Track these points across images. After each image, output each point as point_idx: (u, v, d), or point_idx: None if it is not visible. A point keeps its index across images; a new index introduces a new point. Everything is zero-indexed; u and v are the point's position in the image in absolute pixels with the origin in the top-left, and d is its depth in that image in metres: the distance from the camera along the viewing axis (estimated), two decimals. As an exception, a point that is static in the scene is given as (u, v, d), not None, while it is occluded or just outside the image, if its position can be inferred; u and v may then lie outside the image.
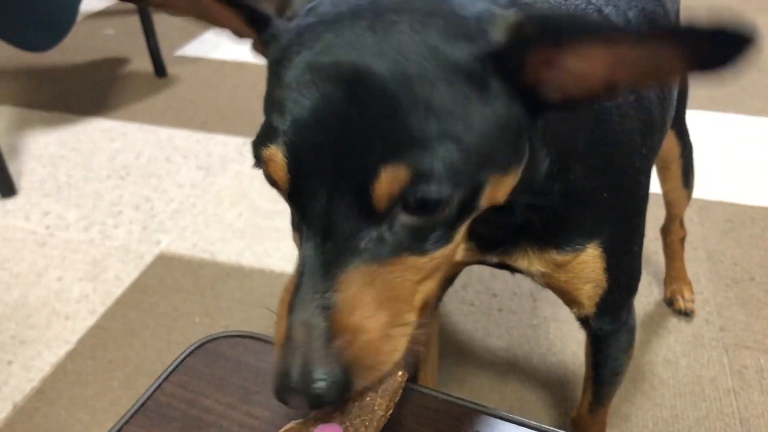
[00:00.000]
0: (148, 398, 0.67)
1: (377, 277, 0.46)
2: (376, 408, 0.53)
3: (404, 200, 0.44)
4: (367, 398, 0.53)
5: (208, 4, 0.51)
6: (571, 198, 0.66)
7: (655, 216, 1.73)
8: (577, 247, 0.70)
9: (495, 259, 0.74)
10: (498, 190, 0.49)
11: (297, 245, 0.50)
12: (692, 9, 0.38)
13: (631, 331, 0.86)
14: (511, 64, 0.45)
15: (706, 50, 0.36)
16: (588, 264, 0.71)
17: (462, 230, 0.50)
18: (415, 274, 0.48)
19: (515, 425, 0.63)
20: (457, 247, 0.52)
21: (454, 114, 0.44)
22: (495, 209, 0.52)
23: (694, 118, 1.26)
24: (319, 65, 0.45)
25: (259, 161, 0.47)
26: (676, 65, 0.39)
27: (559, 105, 0.48)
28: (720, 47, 0.35)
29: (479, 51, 0.45)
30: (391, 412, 0.54)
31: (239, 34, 0.55)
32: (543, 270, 0.72)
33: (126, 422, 0.65)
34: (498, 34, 0.45)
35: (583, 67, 0.43)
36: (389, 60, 0.43)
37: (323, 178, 0.44)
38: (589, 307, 0.76)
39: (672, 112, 0.90)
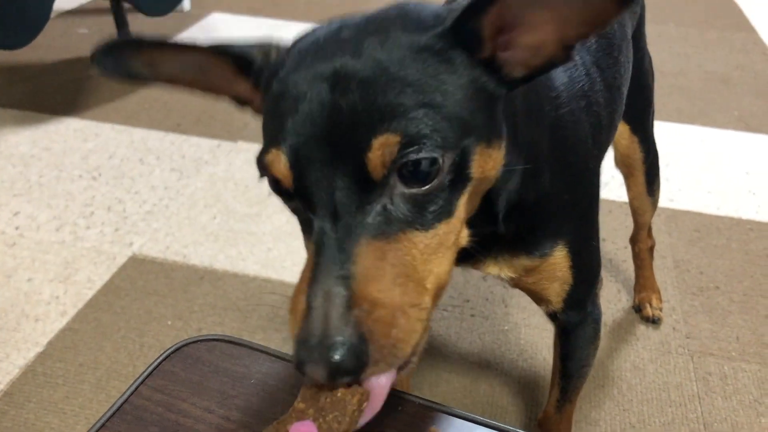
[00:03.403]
0: (125, 401, 0.67)
1: (387, 252, 0.50)
2: (347, 404, 0.53)
3: (399, 169, 0.50)
4: (339, 393, 0.54)
5: (207, 64, 0.61)
6: (540, 203, 0.71)
7: (624, 225, 1.77)
8: (546, 251, 0.75)
9: (468, 267, 0.76)
10: (487, 162, 0.54)
11: (308, 249, 0.54)
12: None
13: (597, 321, 0.90)
14: (467, 35, 0.52)
15: None
16: (556, 265, 0.77)
17: (461, 204, 0.54)
18: (421, 252, 0.52)
19: (482, 427, 0.64)
20: (461, 226, 0.56)
21: (427, 86, 0.50)
22: (481, 217, 0.59)
23: (662, 130, 1.30)
24: (305, 76, 0.53)
25: (264, 168, 0.53)
26: (609, 6, 0.46)
27: (527, 77, 0.55)
28: None
29: (437, 31, 0.52)
30: (365, 405, 0.54)
31: (240, 100, 0.66)
32: (512, 275, 0.77)
33: (102, 425, 0.65)
34: (451, 18, 0.53)
35: (535, 38, 0.51)
36: (360, 55, 0.51)
37: (323, 164, 0.50)
38: (557, 303, 0.82)
39: (620, 111, 0.99)
